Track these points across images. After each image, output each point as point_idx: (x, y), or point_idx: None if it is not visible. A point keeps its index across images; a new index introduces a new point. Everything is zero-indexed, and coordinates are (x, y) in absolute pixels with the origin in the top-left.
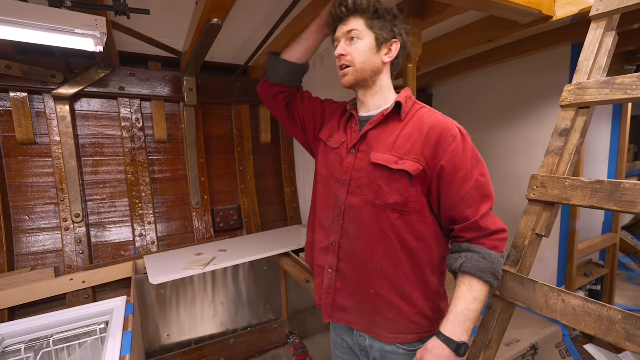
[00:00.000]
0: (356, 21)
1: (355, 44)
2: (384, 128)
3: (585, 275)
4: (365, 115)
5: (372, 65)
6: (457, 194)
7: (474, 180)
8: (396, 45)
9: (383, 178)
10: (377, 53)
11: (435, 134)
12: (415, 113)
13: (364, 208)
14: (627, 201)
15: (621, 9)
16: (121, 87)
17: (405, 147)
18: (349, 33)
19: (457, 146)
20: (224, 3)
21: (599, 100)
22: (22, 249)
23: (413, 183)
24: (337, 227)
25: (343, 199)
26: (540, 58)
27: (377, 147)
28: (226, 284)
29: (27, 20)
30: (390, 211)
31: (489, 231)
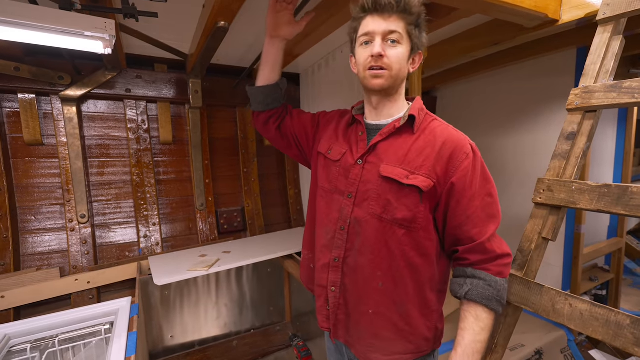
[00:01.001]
0: (399, 22)
1: (395, 47)
2: (394, 140)
3: (591, 279)
4: (373, 123)
5: (403, 74)
6: (464, 213)
7: (481, 199)
8: (419, 57)
9: (392, 192)
10: (407, 62)
11: (448, 149)
12: (427, 125)
13: (370, 222)
14: (635, 205)
15: (628, 13)
16: (127, 89)
17: (417, 161)
18: (391, 34)
19: (468, 164)
20: (231, 6)
21: (606, 104)
22: (28, 249)
23: (423, 199)
24: (341, 241)
25: (348, 211)
26: (546, 61)
27: (387, 159)
28: (230, 285)
29: (37, 23)
30: (397, 226)
31: (493, 254)
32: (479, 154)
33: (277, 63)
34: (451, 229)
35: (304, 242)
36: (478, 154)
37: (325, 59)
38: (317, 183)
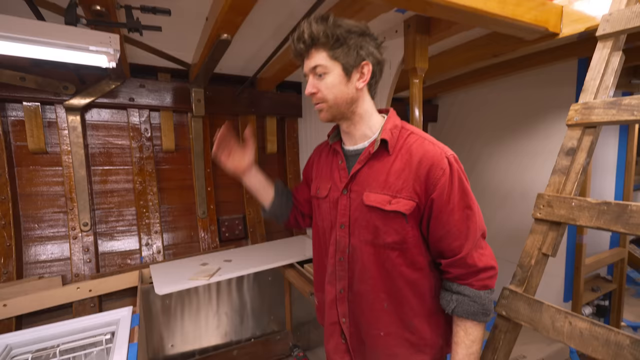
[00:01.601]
0: (318, 54)
1: (323, 79)
2: (373, 164)
3: (593, 290)
4: (352, 148)
5: (345, 96)
6: (444, 227)
7: (460, 212)
8: (367, 67)
9: (379, 218)
10: (348, 82)
11: (424, 168)
12: (403, 143)
13: (363, 249)
14: (635, 224)
15: (628, 30)
16: (131, 98)
17: (397, 184)
18: (315, 69)
19: (445, 180)
20: (234, 20)
21: (606, 121)
22: (31, 257)
23: (408, 220)
24: (343, 272)
25: (345, 242)
26: (547, 72)
27: (368, 185)
28: (230, 294)
29: (44, 39)
30: (390, 250)
31: (475, 268)
32: (456, 166)
33: (262, 187)
34: (433, 242)
35: (315, 285)
36: (455, 167)
37: None
38: (316, 225)
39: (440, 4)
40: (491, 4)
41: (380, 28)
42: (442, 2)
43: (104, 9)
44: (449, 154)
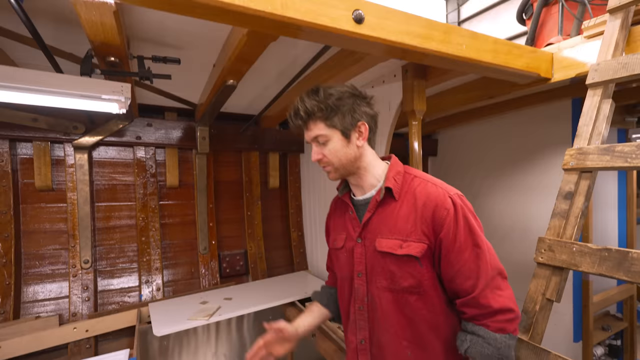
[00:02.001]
0: (316, 125)
1: (326, 145)
2: (382, 210)
3: (603, 329)
4: (360, 198)
5: (349, 157)
6: (454, 267)
7: (469, 251)
8: (364, 126)
9: (393, 263)
10: (349, 144)
11: (429, 209)
12: (408, 187)
13: (382, 295)
14: (636, 272)
15: (615, 79)
16: (138, 137)
17: (406, 228)
18: (316, 138)
19: (450, 220)
20: (240, 68)
21: (601, 167)
22: (29, 295)
23: (422, 262)
24: (363, 321)
25: (363, 290)
26: (542, 110)
27: (380, 232)
28: (230, 334)
29: (60, 89)
30: (408, 294)
31: (490, 309)
32: (460, 204)
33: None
34: (447, 282)
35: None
36: (460, 206)
37: None
38: (336, 274)
39: (437, 55)
40: (484, 54)
41: (380, 72)
42: (438, 54)
43: (117, 60)
44: (453, 194)
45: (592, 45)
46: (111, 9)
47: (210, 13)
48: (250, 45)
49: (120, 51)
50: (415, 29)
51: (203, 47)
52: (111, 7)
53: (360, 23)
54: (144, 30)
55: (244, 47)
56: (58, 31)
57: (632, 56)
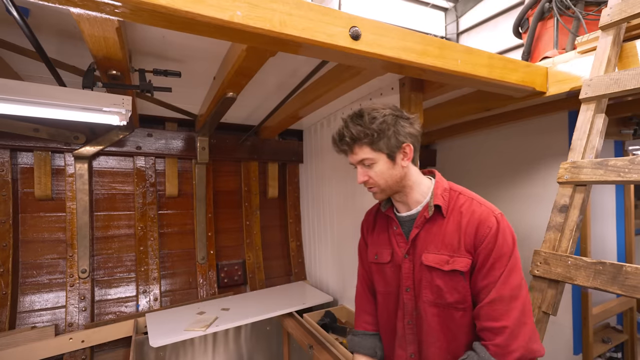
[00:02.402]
0: (362, 150)
1: (372, 168)
2: (429, 227)
3: (604, 341)
4: (405, 214)
5: (395, 177)
6: (483, 281)
7: (500, 270)
8: (409, 147)
9: (439, 278)
10: (394, 165)
11: (473, 227)
12: (454, 205)
13: (427, 310)
14: (631, 285)
15: (607, 95)
16: (138, 147)
17: (452, 244)
18: (362, 161)
19: (492, 236)
20: (240, 82)
21: (595, 180)
22: (26, 305)
23: (466, 278)
24: (412, 335)
25: (411, 305)
26: (539, 122)
27: (426, 248)
28: (227, 345)
29: (62, 102)
30: (454, 310)
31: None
32: (503, 225)
33: None
34: (474, 296)
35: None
36: (503, 225)
37: (327, 119)
38: (378, 289)
39: (432, 70)
40: (479, 68)
41: (377, 85)
42: (434, 69)
43: (119, 73)
44: (497, 213)
45: (586, 61)
46: (114, 25)
47: (210, 30)
48: (249, 60)
49: (122, 65)
50: (411, 44)
51: (204, 60)
52: (114, 23)
53: (357, 39)
54: (146, 44)
55: (243, 62)
56: (62, 45)
57: (624, 72)
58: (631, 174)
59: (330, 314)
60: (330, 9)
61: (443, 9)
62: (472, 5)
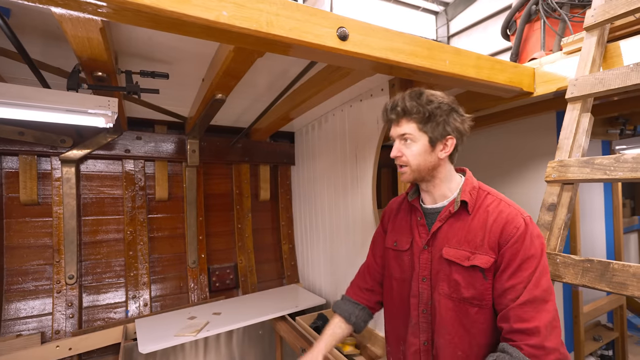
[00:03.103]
0: (408, 125)
1: (410, 146)
2: (453, 222)
3: (595, 339)
4: (430, 207)
5: (428, 164)
6: (509, 282)
7: (530, 270)
8: (452, 141)
9: (458, 273)
10: (432, 152)
11: (499, 226)
12: (481, 203)
13: (442, 302)
14: (618, 282)
15: (593, 94)
16: (127, 150)
17: (475, 241)
18: (402, 136)
19: (519, 236)
20: (229, 83)
21: (581, 179)
22: (11, 313)
23: (487, 275)
24: (426, 324)
25: (427, 294)
26: (528, 123)
27: (448, 241)
28: (219, 350)
29: (45, 104)
30: (469, 305)
31: (524, 327)
32: (532, 227)
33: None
34: (497, 297)
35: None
36: (530, 227)
37: (318, 121)
38: (391, 276)
39: (423, 71)
40: (468, 69)
41: (367, 86)
42: (422, 69)
43: (105, 75)
44: (525, 215)
45: (572, 61)
46: (97, 25)
47: (196, 31)
48: (237, 61)
49: (107, 66)
50: (399, 45)
51: (192, 62)
52: (97, 23)
53: (344, 40)
54: (132, 45)
55: (231, 63)
56: (47, 46)
57: (608, 72)
58: (616, 171)
59: (323, 317)
60: (317, 9)
61: (434, 13)
62: (462, 9)
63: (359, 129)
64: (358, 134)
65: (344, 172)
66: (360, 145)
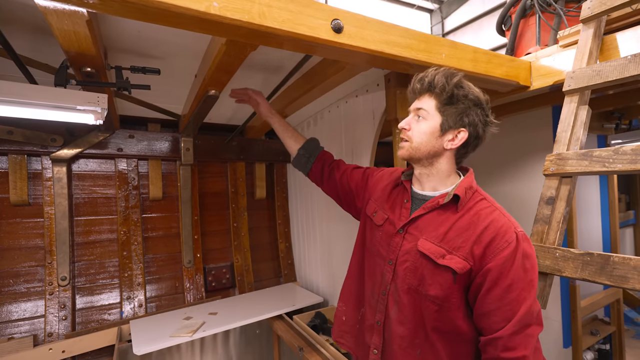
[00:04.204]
0: (428, 101)
1: (420, 122)
2: (437, 215)
3: (592, 334)
4: (419, 192)
5: (429, 147)
6: (494, 303)
7: (517, 292)
8: (463, 134)
9: (427, 268)
10: (439, 137)
11: (489, 234)
12: (473, 205)
13: (406, 292)
14: (619, 276)
15: (590, 86)
16: (119, 148)
17: (456, 241)
18: (418, 110)
19: (509, 253)
20: (221, 78)
21: (580, 172)
22: (2, 316)
23: (457, 280)
24: (382, 305)
25: (388, 278)
26: (525, 117)
27: (426, 233)
28: (216, 350)
29: (32, 100)
30: (430, 302)
31: (512, 356)
32: (524, 245)
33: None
34: (477, 316)
35: (342, 294)
36: (522, 245)
37: (313, 117)
38: (365, 242)
39: (419, 65)
40: (464, 63)
41: (363, 82)
42: (418, 62)
43: (94, 70)
44: (519, 230)
45: (568, 54)
46: (84, 18)
47: (186, 23)
48: (230, 54)
49: (96, 61)
50: (394, 38)
51: (184, 57)
52: (84, 16)
53: (339, 32)
54: (121, 40)
55: (224, 57)
56: (35, 42)
57: (605, 64)
58: (615, 164)
59: (320, 315)
60: (311, 0)
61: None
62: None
63: (355, 125)
64: (354, 130)
65: None
66: (356, 141)
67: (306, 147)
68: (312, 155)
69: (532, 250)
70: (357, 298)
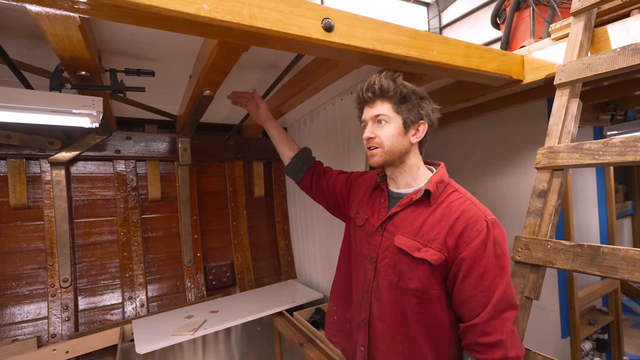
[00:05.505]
0: (383, 105)
1: (383, 127)
2: (412, 210)
3: (590, 324)
4: (395, 190)
5: (400, 146)
6: (470, 290)
7: (490, 279)
8: (424, 126)
9: (405, 262)
10: (404, 135)
11: (460, 225)
12: (445, 198)
13: (387, 288)
14: (608, 266)
15: (581, 79)
16: (117, 150)
17: (430, 234)
18: (377, 117)
19: (479, 242)
20: (216, 79)
21: (571, 164)
22: (6, 318)
23: (434, 271)
24: (367, 304)
25: (370, 276)
26: (519, 111)
27: (402, 229)
28: (217, 348)
29: (28, 105)
30: (411, 295)
31: (490, 340)
32: (494, 232)
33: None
34: (455, 304)
35: (332, 294)
36: (493, 232)
37: (309, 115)
38: (350, 243)
39: (414, 62)
40: (456, 58)
41: (357, 79)
42: (410, 59)
43: (88, 74)
44: (490, 218)
45: (560, 47)
46: (76, 22)
47: (177, 25)
48: (222, 55)
49: (90, 65)
50: (386, 35)
51: (178, 58)
52: (76, 20)
53: (330, 31)
54: (115, 43)
55: (217, 58)
56: (31, 47)
57: (595, 56)
58: (605, 156)
59: (320, 311)
60: (302, 0)
61: (425, 4)
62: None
63: (350, 122)
64: (349, 127)
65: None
66: (352, 138)
67: (300, 156)
68: (304, 165)
69: (502, 237)
70: (346, 298)
